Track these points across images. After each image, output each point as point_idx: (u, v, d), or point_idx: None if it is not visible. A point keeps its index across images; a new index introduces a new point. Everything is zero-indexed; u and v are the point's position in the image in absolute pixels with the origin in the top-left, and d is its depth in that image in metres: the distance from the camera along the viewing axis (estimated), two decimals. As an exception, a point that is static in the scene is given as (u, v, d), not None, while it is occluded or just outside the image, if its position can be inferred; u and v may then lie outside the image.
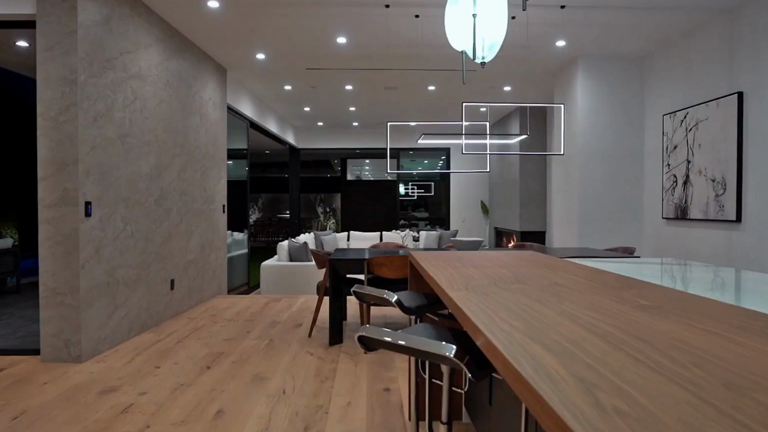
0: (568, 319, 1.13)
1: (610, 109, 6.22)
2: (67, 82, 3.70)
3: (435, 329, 1.57)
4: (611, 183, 6.24)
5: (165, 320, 5.10)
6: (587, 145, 6.22)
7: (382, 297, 1.99)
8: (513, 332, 1.01)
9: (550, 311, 1.20)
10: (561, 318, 1.13)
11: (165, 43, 5.06)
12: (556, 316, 1.16)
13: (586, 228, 6.23)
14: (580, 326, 1.06)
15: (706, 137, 5.05)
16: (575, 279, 1.71)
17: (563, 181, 6.73)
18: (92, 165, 3.88)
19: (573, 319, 1.12)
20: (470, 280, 1.68)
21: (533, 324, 1.08)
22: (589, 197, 6.23)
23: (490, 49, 2.20)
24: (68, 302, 3.75)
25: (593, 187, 6.23)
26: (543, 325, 1.07)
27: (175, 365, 3.73)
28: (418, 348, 1.23)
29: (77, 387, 3.28)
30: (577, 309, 1.23)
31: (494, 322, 1.09)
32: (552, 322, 1.09)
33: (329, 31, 5.42)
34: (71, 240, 3.73)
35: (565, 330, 1.03)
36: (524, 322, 1.09)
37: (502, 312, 1.19)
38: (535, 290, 1.49)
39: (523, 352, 0.88)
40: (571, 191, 6.47)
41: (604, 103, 6.22)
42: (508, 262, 2.25)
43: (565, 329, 1.04)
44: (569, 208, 6.52)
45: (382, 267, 4.07)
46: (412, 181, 15.68)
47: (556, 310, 1.21)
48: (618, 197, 6.24)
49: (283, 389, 3.25)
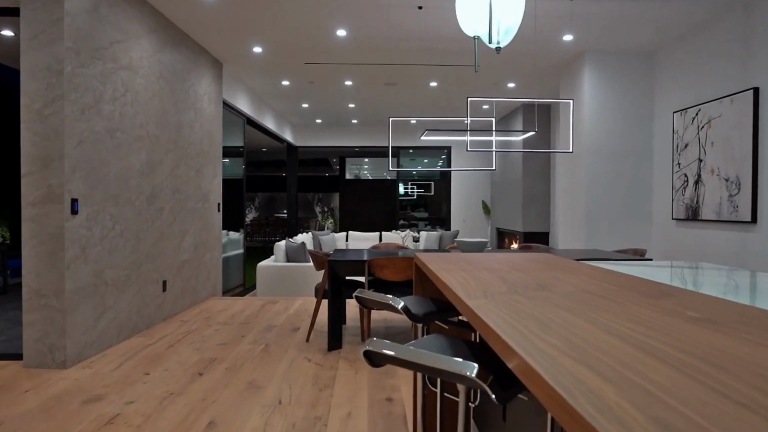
0: (612, 334, 0.95)
1: (617, 106, 6.05)
2: (52, 73, 3.51)
3: (447, 340, 1.38)
4: (618, 182, 6.06)
5: (156, 323, 4.91)
6: (594, 143, 6.04)
7: (387, 303, 1.81)
8: (553, 352, 0.83)
9: (587, 324, 1.02)
10: (603, 333, 0.95)
11: (158, 34, 4.87)
12: (597, 330, 0.98)
13: (593, 229, 6.05)
14: (629, 344, 0.88)
15: (720, 135, 4.87)
16: (602, 285, 1.53)
17: (568, 180, 6.55)
18: (79, 160, 3.69)
19: (618, 335, 0.94)
20: (487, 286, 1.49)
21: (573, 341, 0.89)
22: (596, 197, 6.05)
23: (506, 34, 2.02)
24: (53, 305, 3.56)
25: (600, 187, 6.05)
26: (585, 342, 0.89)
27: (165, 372, 3.54)
28: (435, 366, 1.04)
29: (60, 395, 3.09)
30: (618, 321, 1.05)
31: (527, 338, 0.91)
32: (594, 339, 0.91)
33: (328, 23, 5.24)
34: (56, 239, 3.54)
35: (614, 349, 0.85)
36: (562, 338, 0.91)
37: (533, 325, 1.01)
38: (563, 298, 1.31)
39: (572, 380, 0.70)
40: (576, 191, 6.29)
41: (611, 99, 6.05)
42: (523, 265, 2.06)
43: (613, 348, 0.86)
44: (575, 208, 6.34)
45: (384, 269, 3.88)
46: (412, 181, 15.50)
47: (595, 323, 1.03)
48: (625, 197, 6.07)
49: (279, 399, 3.07)
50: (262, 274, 6.96)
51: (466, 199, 12.23)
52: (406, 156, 15.15)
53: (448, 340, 1.36)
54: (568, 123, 6.43)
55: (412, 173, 17.53)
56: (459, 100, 8.86)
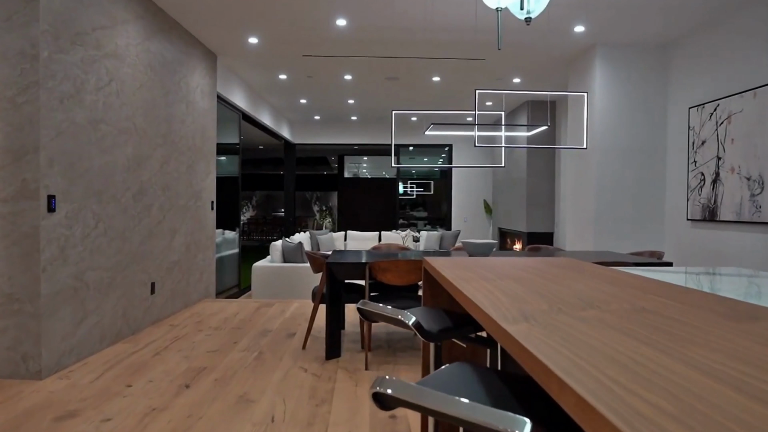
0: (722, 381, 0.67)
1: (629, 101, 5.78)
2: (27, 58, 3.23)
3: (475, 373, 1.11)
4: (629, 181, 5.79)
5: (144, 328, 4.62)
6: (604, 139, 5.78)
7: (396, 318, 1.53)
8: (661, 420, 0.55)
9: (679, 364, 0.75)
10: (710, 380, 0.68)
11: (146, 20, 4.58)
12: (698, 375, 0.70)
13: (601, 230, 5.78)
14: (760, 402, 0.61)
15: (741, 131, 4.61)
16: (662, 301, 1.26)
17: (576, 178, 6.29)
18: (57, 153, 3.40)
19: (734, 386, 0.67)
20: (521, 302, 1.22)
21: (679, 396, 0.62)
22: (605, 196, 5.79)
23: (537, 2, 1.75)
24: (27, 310, 3.27)
25: (609, 186, 5.78)
26: (694, 397, 0.62)
27: (149, 383, 3.26)
28: (471, 420, 0.77)
29: (31, 411, 2.81)
30: (720, 360, 0.77)
31: (610, 391, 0.64)
32: (702, 389, 0.64)
33: (328, 11, 4.96)
34: (31, 239, 3.25)
35: (737, 406, 0.58)
36: (661, 391, 0.64)
37: (606, 365, 0.74)
38: (623, 321, 1.03)
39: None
40: (585, 190, 6.03)
41: (623, 94, 5.78)
42: (550, 273, 1.79)
43: (733, 404, 0.59)
44: (583, 208, 6.07)
45: (387, 272, 3.61)
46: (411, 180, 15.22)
47: (688, 362, 0.76)
48: (636, 197, 5.80)
49: (271, 415, 2.79)
50: (257, 275, 6.68)
51: (467, 198, 11.96)
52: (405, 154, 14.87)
53: (476, 373, 1.09)
54: (578, 118, 6.16)
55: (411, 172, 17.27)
56: (462, 96, 8.59)
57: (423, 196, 16.46)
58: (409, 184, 14.65)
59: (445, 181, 12.67)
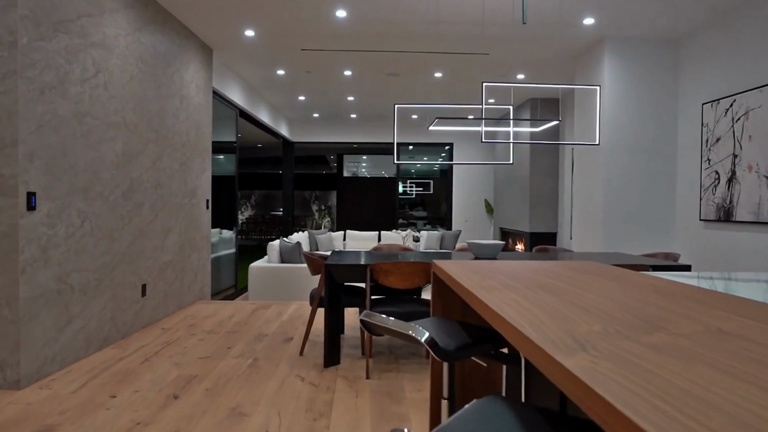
0: None
1: (639, 96, 5.57)
2: (4, 45, 3.01)
3: (513, 414, 0.89)
4: (639, 180, 5.58)
5: (134, 332, 4.41)
6: (612, 137, 5.57)
7: (407, 334, 1.32)
8: None
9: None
10: None
11: (136, 10, 4.36)
12: None
13: (610, 230, 5.58)
14: None
15: (759, 127, 4.40)
16: (735, 318, 1.05)
17: (583, 177, 6.08)
18: (38, 147, 3.18)
19: None
20: (565, 320, 1.01)
21: None
22: (614, 196, 5.58)
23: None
24: (4, 315, 3.06)
25: (618, 185, 5.57)
26: None
27: (135, 394, 3.05)
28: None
29: (4, 426, 2.59)
30: None
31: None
32: None
33: (328, 1, 4.74)
34: (8, 239, 3.03)
35: None
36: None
37: (713, 416, 0.53)
38: (705, 349, 0.82)
39: None
40: (592, 189, 5.82)
41: (632, 90, 5.57)
42: (582, 280, 1.58)
43: None
44: (590, 207, 5.86)
45: (389, 275, 3.40)
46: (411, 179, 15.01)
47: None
48: (646, 196, 5.59)
49: (266, 430, 2.58)
50: (254, 275, 6.46)
51: (468, 197, 11.75)
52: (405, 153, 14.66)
53: (514, 414, 0.88)
54: (587, 114, 5.96)
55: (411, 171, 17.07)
56: (465, 92, 8.38)
57: (422, 195, 16.26)
58: (409, 183, 14.43)
59: (444, 180, 12.47)
